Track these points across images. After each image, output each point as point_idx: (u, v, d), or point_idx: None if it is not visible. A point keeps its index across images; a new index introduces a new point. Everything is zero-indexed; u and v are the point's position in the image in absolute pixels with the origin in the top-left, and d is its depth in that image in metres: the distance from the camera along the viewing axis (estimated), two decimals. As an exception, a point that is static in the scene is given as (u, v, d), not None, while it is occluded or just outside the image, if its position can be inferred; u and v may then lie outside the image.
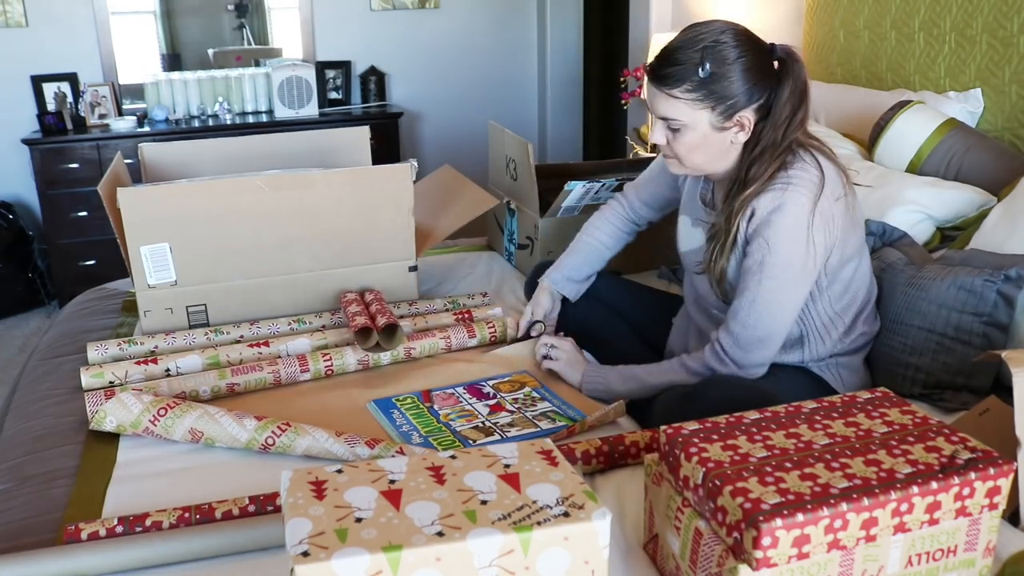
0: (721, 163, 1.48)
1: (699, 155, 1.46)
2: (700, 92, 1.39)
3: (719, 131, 1.42)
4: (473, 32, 4.68)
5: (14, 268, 3.86)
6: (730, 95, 1.39)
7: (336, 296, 2.06)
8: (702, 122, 1.41)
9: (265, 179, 1.94)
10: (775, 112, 1.41)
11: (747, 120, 1.42)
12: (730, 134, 1.43)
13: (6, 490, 1.39)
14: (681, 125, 1.42)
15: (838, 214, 1.43)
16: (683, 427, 1.08)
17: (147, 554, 1.15)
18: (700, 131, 1.42)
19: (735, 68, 1.38)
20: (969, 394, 1.54)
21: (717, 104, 1.39)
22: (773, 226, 1.39)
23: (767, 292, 1.41)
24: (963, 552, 1.02)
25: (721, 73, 1.37)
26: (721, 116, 1.41)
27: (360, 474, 0.95)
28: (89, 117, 3.98)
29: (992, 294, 1.54)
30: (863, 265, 1.55)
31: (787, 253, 1.40)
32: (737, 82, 1.38)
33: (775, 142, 1.41)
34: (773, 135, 1.41)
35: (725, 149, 1.46)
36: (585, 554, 0.88)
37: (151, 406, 1.46)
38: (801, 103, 1.43)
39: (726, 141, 1.44)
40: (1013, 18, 2.02)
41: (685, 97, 1.39)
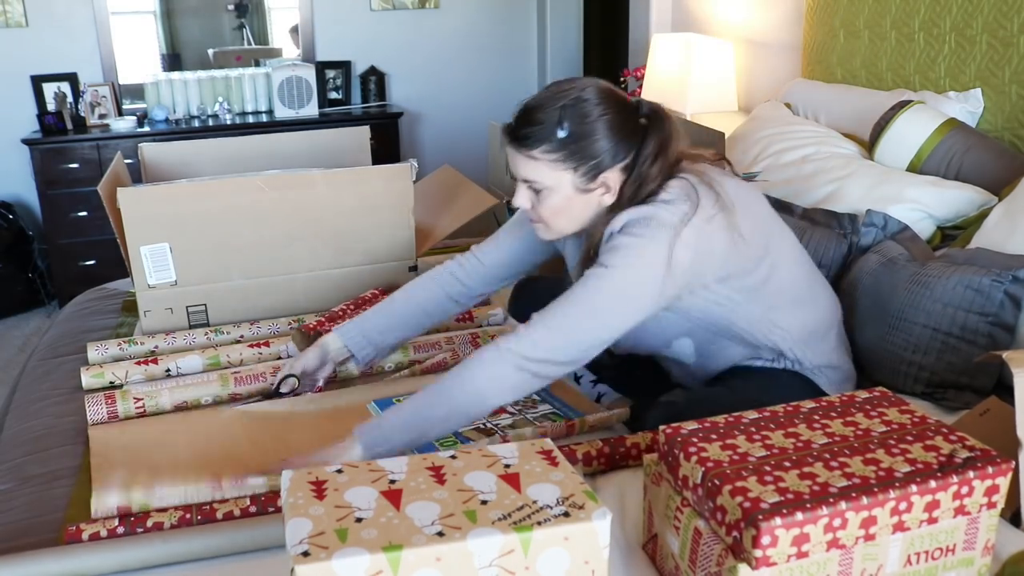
0: (590, 222, 1.40)
1: (564, 218, 1.39)
2: (561, 152, 1.31)
3: (583, 193, 1.35)
4: (473, 32, 4.68)
5: (14, 268, 3.87)
6: (592, 155, 1.32)
7: (336, 296, 2.06)
8: (565, 184, 1.34)
9: (265, 179, 1.94)
10: (638, 170, 1.34)
11: (612, 181, 1.35)
12: (595, 196, 1.36)
13: (7, 490, 1.39)
14: (543, 187, 1.35)
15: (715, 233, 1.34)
16: (682, 427, 1.08)
17: (148, 554, 1.15)
18: (563, 193, 1.35)
19: (597, 126, 1.31)
20: (972, 394, 1.54)
21: (579, 164, 1.32)
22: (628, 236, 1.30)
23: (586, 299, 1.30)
24: (962, 551, 1.03)
25: (582, 132, 1.31)
26: (584, 177, 1.33)
27: (360, 474, 0.95)
28: (89, 117, 3.98)
29: (999, 294, 1.53)
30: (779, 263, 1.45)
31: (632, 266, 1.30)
32: (600, 141, 1.32)
33: (638, 191, 1.34)
34: (636, 187, 1.34)
35: (592, 211, 1.38)
36: (585, 554, 0.88)
37: None
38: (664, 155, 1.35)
39: (592, 203, 1.37)
40: (1013, 18, 2.02)
41: (545, 158, 1.32)
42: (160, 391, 1.59)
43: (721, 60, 3.12)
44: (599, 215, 1.39)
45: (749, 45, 3.20)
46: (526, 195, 1.39)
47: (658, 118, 1.37)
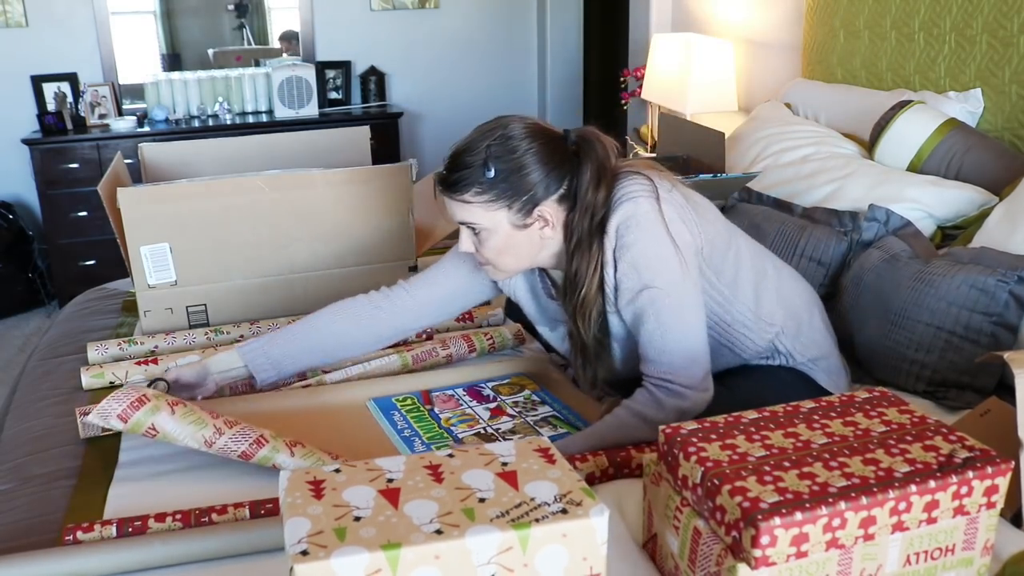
0: (539, 258, 1.41)
1: (508, 257, 1.39)
2: (491, 193, 1.32)
3: (521, 229, 1.35)
4: (473, 32, 4.68)
5: (14, 268, 3.87)
6: (523, 190, 1.32)
7: (336, 296, 2.05)
8: (502, 223, 1.34)
9: (265, 179, 1.94)
10: (581, 199, 1.34)
11: (549, 214, 1.35)
12: (535, 230, 1.36)
13: (7, 490, 1.39)
14: (482, 229, 1.35)
15: (680, 202, 1.37)
16: (681, 427, 1.08)
17: (147, 556, 1.15)
18: (502, 232, 1.35)
19: (525, 160, 1.32)
20: (973, 393, 1.54)
21: (512, 201, 1.32)
22: (632, 248, 1.32)
23: (662, 301, 1.32)
24: (961, 551, 1.02)
25: (510, 168, 1.31)
26: (520, 213, 1.34)
27: (358, 473, 0.95)
28: (89, 117, 3.98)
29: (1004, 294, 1.53)
30: (743, 256, 1.46)
31: (654, 254, 1.32)
32: (530, 175, 1.32)
33: (590, 229, 1.34)
34: (585, 223, 1.34)
35: (536, 246, 1.38)
36: (583, 551, 0.88)
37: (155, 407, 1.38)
38: (601, 178, 1.35)
39: (533, 238, 1.37)
40: (1013, 18, 2.02)
41: (477, 200, 1.32)
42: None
43: (721, 60, 3.12)
44: (548, 250, 1.40)
45: (749, 45, 3.20)
46: (468, 239, 1.39)
47: (587, 142, 1.36)
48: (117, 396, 1.34)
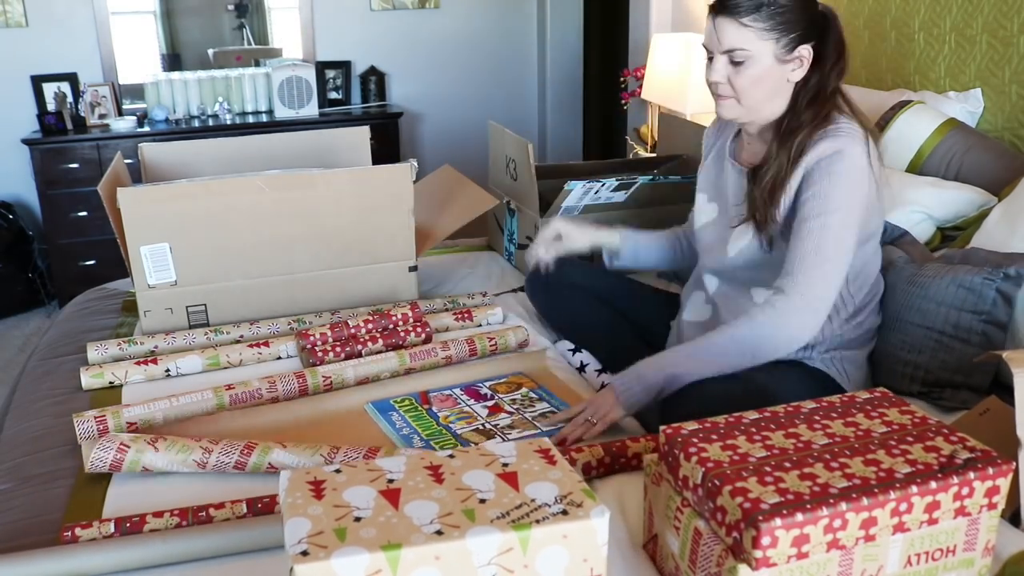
0: (774, 103, 1.51)
1: (758, 91, 1.48)
2: (768, 22, 1.43)
3: (781, 64, 1.47)
4: (473, 32, 4.68)
5: (14, 268, 3.87)
6: (794, 28, 1.44)
7: (336, 296, 2.06)
8: (766, 53, 1.45)
9: (265, 179, 1.94)
10: (824, 57, 1.48)
11: (806, 55, 1.47)
12: (788, 69, 1.47)
13: (6, 490, 1.39)
14: (746, 56, 1.45)
15: (872, 178, 1.46)
16: (682, 427, 1.08)
17: (146, 554, 1.15)
18: (763, 63, 1.46)
19: (797, 4, 1.45)
20: (968, 392, 1.55)
21: (782, 36, 1.44)
22: (832, 168, 1.42)
23: (832, 235, 1.41)
24: (962, 552, 1.02)
25: (787, 6, 1.44)
26: (784, 48, 1.45)
27: (358, 474, 0.95)
28: (89, 117, 3.98)
29: (991, 292, 1.54)
30: (879, 250, 1.58)
31: (847, 195, 1.41)
32: (796, 15, 1.45)
33: (824, 87, 1.47)
34: (821, 79, 1.48)
35: (781, 87, 1.49)
36: (584, 552, 0.88)
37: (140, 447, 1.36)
38: (842, 55, 1.49)
39: (783, 77, 1.48)
40: (1013, 18, 2.02)
41: (754, 26, 1.44)
42: (154, 413, 1.53)
43: (721, 60, 3.11)
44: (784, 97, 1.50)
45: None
46: (724, 68, 1.49)
47: (834, 17, 1.51)
48: (102, 446, 1.34)
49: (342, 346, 1.80)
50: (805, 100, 1.48)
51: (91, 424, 1.49)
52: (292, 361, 1.84)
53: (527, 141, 2.23)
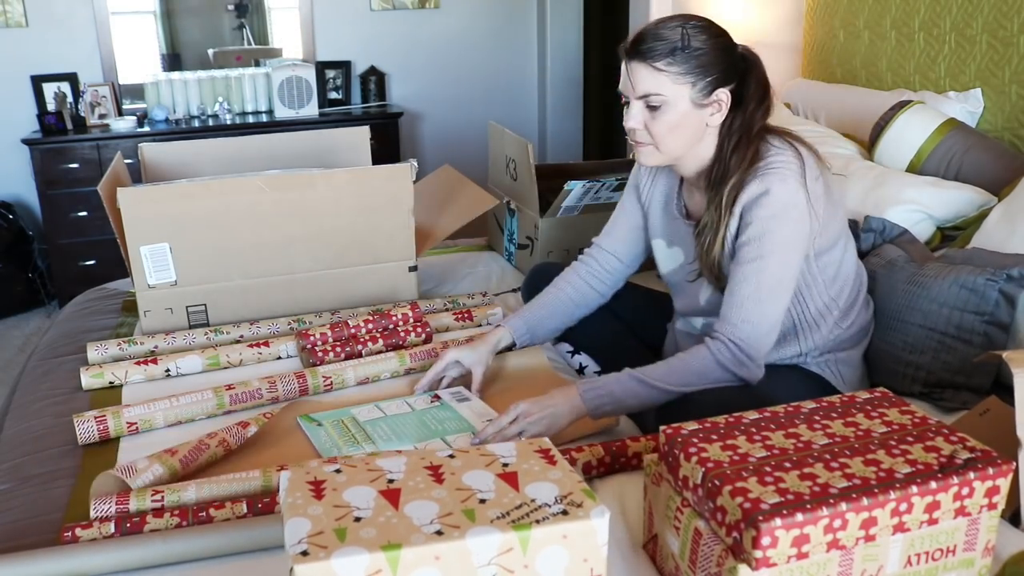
0: (696, 149, 1.48)
1: (676, 137, 1.45)
2: (683, 66, 1.40)
3: (698, 108, 1.43)
4: (473, 32, 4.68)
5: (14, 268, 3.86)
6: (710, 71, 1.41)
7: (336, 296, 2.06)
8: (683, 98, 1.42)
9: (265, 179, 1.94)
10: (745, 99, 1.45)
11: (723, 99, 1.44)
12: (706, 113, 1.44)
13: (6, 490, 1.39)
14: (662, 101, 1.42)
15: (819, 194, 1.44)
16: (682, 427, 1.08)
17: (147, 554, 1.15)
18: (680, 108, 1.42)
19: (713, 46, 1.42)
20: (969, 393, 1.54)
21: (698, 80, 1.41)
22: (763, 208, 1.40)
23: (769, 277, 1.40)
24: (962, 552, 1.02)
25: (703, 49, 1.41)
26: (701, 92, 1.42)
27: (359, 474, 0.95)
28: (89, 117, 3.98)
29: (994, 293, 1.54)
30: (849, 246, 1.56)
31: (781, 234, 1.40)
32: (716, 60, 1.42)
33: (748, 128, 1.44)
34: (744, 121, 1.44)
35: (700, 132, 1.46)
36: (584, 552, 0.88)
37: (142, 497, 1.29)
38: (766, 94, 1.47)
39: (702, 122, 1.45)
40: (1013, 18, 2.02)
41: (669, 70, 1.40)
42: (154, 413, 1.53)
43: (721, 60, 3.11)
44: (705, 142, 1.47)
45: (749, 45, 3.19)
46: (639, 114, 1.46)
47: (753, 57, 1.49)
48: (100, 500, 1.25)
49: (342, 346, 1.80)
50: (731, 145, 1.45)
51: (91, 424, 1.49)
52: (292, 361, 1.84)
53: (527, 141, 2.23)
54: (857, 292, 1.59)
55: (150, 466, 1.32)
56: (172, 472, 1.33)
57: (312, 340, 1.81)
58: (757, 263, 1.40)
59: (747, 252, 1.42)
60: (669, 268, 1.65)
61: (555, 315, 1.74)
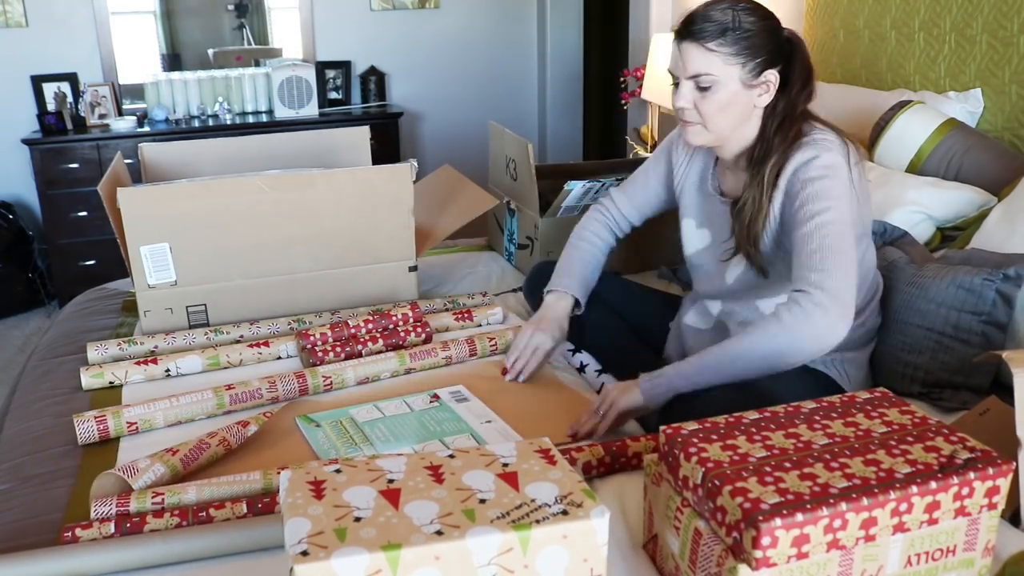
0: (742, 129, 1.49)
1: (725, 117, 1.47)
2: (734, 47, 1.42)
3: (747, 89, 1.45)
4: (473, 32, 4.68)
5: (14, 268, 3.87)
6: (760, 52, 1.43)
7: (336, 296, 2.06)
8: (733, 78, 1.44)
9: (265, 179, 1.94)
10: (790, 82, 1.47)
11: (772, 80, 1.45)
12: (755, 94, 1.46)
13: (6, 490, 1.39)
14: (712, 81, 1.44)
15: (857, 179, 1.45)
16: (682, 427, 1.08)
17: (147, 554, 1.15)
18: (730, 88, 1.44)
19: (763, 28, 1.44)
20: (968, 393, 1.55)
21: (748, 60, 1.43)
22: (812, 171, 1.40)
23: (832, 229, 1.37)
24: (962, 552, 1.02)
25: (753, 31, 1.43)
26: (751, 73, 1.44)
27: (359, 474, 0.95)
28: (89, 117, 3.98)
29: (991, 293, 1.54)
30: (870, 249, 1.56)
31: (835, 190, 1.39)
32: (762, 41, 1.43)
33: (792, 110, 1.46)
34: (789, 103, 1.46)
35: (748, 112, 1.48)
36: (584, 552, 0.88)
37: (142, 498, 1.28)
38: (809, 79, 1.48)
39: (750, 103, 1.47)
40: (1013, 18, 2.02)
41: (720, 51, 1.42)
42: (154, 413, 1.53)
43: (721, 60, 3.11)
44: (752, 122, 1.49)
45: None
46: (690, 93, 1.47)
47: (799, 41, 1.50)
48: (100, 502, 1.25)
49: (342, 346, 1.80)
50: (774, 126, 1.47)
51: (91, 424, 1.49)
52: (292, 361, 1.84)
53: (527, 141, 2.23)
54: (873, 293, 1.59)
55: (151, 466, 1.32)
56: (174, 471, 1.33)
57: (312, 340, 1.81)
58: (815, 219, 1.39)
59: (803, 213, 1.40)
60: (696, 248, 1.66)
61: (594, 266, 1.80)
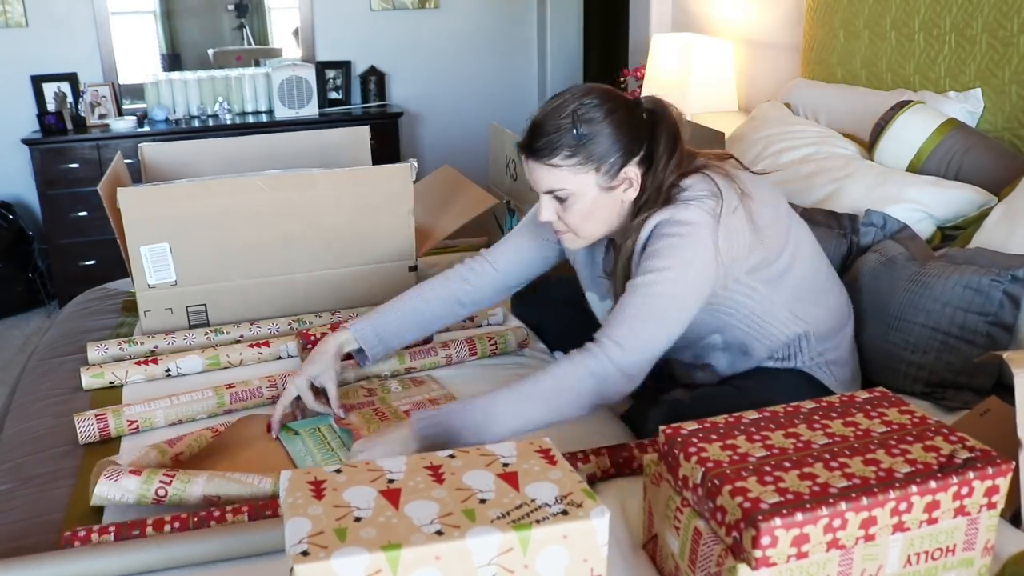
0: (614, 223, 1.43)
1: (593, 222, 1.41)
2: (580, 156, 1.34)
3: (608, 191, 1.38)
4: (473, 32, 4.68)
5: (14, 268, 3.87)
6: (611, 152, 1.35)
7: (336, 296, 2.06)
8: (589, 186, 1.36)
9: (265, 179, 1.94)
10: (656, 162, 1.38)
11: (633, 176, 1.38)
12: (618, 193, 1.39)
13: (7, 490, 1.39)
14: (568, 194, 1.37)
15: (740, 223, 1.38)
16: (682, 427, 1.08)
17: (147, 558, 1.15)
18: (589, 196, 1.37)
19: (607, 125, 1.35)
20: (971, 393, 1.54)
21: (600, 164, 1.35)
22: (668, 227, 1.34)
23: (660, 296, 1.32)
24: (962, 551, 1.02)
25: (595, 132, 1.34)
26: (607, 176, 1.37)
27: (359, 474, 0.95)
28: (89, 117, 3.98)
29: (998, 294, 1.53)
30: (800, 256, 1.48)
31: (678, 257, 1.33)
32: (614, 137, 1.35)
33: (659, 187, 1.38)
34: (655, 181, 1.38)
35: (616, 209, 1.41)
36: (584, 552, 0.88)
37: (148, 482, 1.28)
38: (676, 144, 1.39)
39: (616, 201, 1.40)
40: (1013, 18, 2.02)
41: (566, 164, 1.35)
42: (155, 411, 1.53)
43: (721, 60, 3.12)
44: (623, 215, 1.42)
45: (749, 45, 3.20)
46: (551, 208, 1.41)
47: (661, 109, 1.41)
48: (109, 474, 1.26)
49: (342, 346, 1.80)
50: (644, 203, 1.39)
51: (91, 423, 1.49)
52: (292, 361, 1.84)
53: (527, 141, 2.22)
54: (824, 291, 1.53)
55: (146, 455, 1.33)
56: (162, 453, 1.34)
57: (312, 340, 1.81)
58: (650, 276, 1.33)
59: (643, 267, 1.35)
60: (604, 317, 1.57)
61: (411, 325, 1.62)
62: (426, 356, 1.77)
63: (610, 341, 1.31)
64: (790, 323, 1.48)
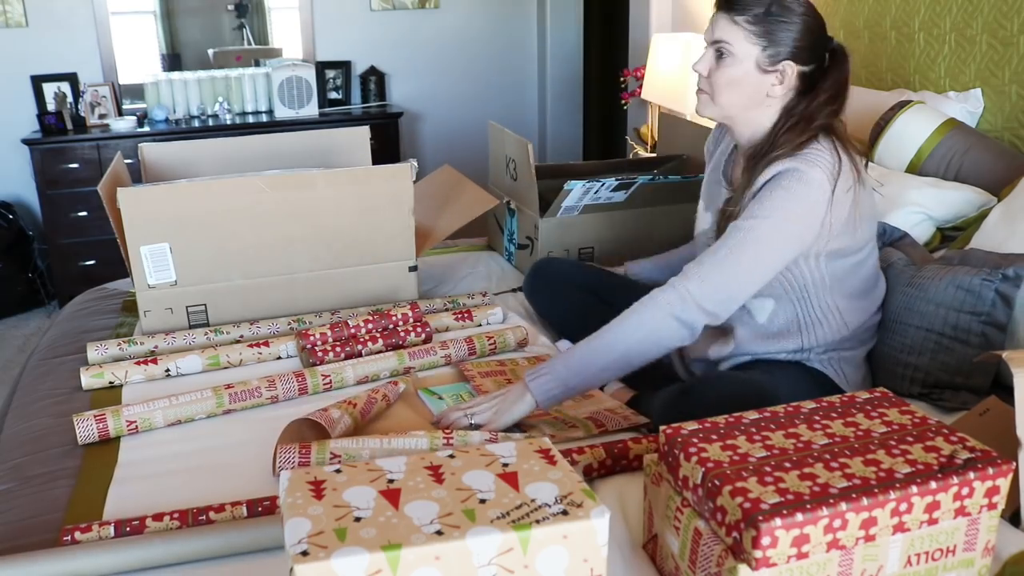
0: (751, 113, 1.49)
1: (733, 93, 1.47)
2: (759, 27, 1.43)
3: (761, 73, 1.45)
4: (473, 32, 4.68)
5: (14, 268, 3.87)
6: (783, 42, 1.43)
7: (336, 296, 2.06)
8: (749, 57, 1.44)
9: (265, 179, 1.94)
10: (817, 89, 1.46)
11: (789, 73, 1.45)
12: (768, 81, 1.46)
13: (7, 490, 1.39)
14: (729, 53, 1.45)
15: (845, 204, 1.43)
16: (682, 427, 1.08)
17: (146, 555, 1.15)
18: (744, 66, 1.45)
19: (796, 22, 1.43)
20: (968, 394, 1.55)
21: (769, 45, 1.43)
22: (782, 179, 1.40)
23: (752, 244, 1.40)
24: (962, 552, 1.02)
25: (783, 19, 1.43)
26: (768, 58, 1.44)
27: (359, 474, 0.95)
28: (89, 117, 3.98)
29: (990, 293, 1.54)
30: (869, 261, 1.55)
31: (783, 207, 1.39)
32: (793, 34, 1.43)
33: (807, 118, 1.45)
34: (807, 111, 1.45)
35: (759, 98, 1.47)
36: (584, 552, 0.88)
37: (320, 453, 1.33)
38: (839, 95, 1.47)
39: (762, 88, 1.46)
40: (1013, 18, 2.02)
41: (746, 27, 1.44)
42: (154, 412, 1.53)
43: (721, 60, 3.11)
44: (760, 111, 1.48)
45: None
46: (709, 60, 1.49)
47: (844, 57, 1.49)
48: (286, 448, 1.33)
49: (342, 346, 1.80)
50: (786, 125, 1.45)
51: (91, 423, 1.49)
52: (292, 361, 1.84)
53: (527, 141, 2.23)
54: (863, 301, 1.58)
55: (341, 417, 1.42)
56: (355, 421, 1.46)
57: (312, 340, 1.81)
58: (749, 222, 1.41)
59: (747, 212, 1.42)
60: (701, 228, 1.69)
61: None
62: (426, 356, 1.77)
63: (694, 274, 1.42)
64: (832, 318, 1.53)
